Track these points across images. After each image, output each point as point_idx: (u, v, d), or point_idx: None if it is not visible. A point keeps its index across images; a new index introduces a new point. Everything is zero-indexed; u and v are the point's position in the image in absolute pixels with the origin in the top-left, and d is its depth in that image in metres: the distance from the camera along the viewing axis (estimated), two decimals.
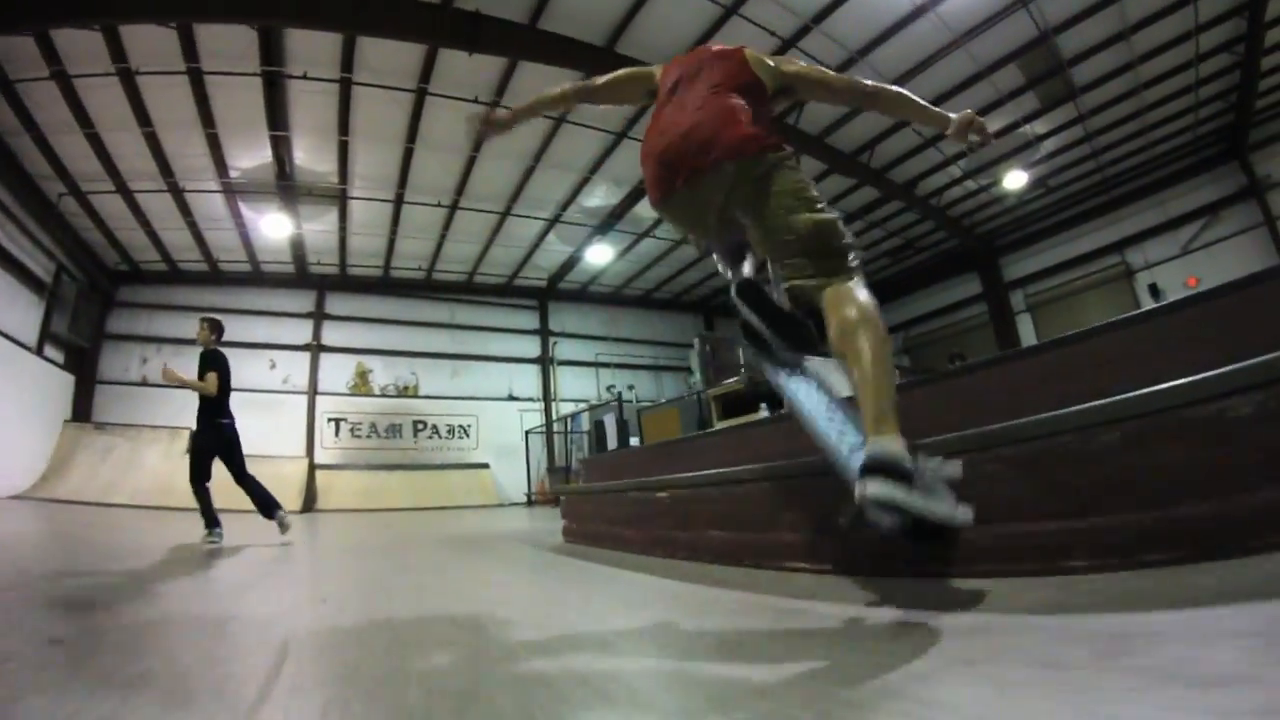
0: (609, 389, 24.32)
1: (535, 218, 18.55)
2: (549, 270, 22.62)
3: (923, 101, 2.89)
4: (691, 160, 2.56)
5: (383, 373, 20.84)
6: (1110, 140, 16.38)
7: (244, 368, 18.58)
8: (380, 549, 6.98)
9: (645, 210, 17.61)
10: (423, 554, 6.13)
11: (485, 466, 21.17)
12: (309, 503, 16.91)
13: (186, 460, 8.45)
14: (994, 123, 14.08)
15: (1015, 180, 17.07)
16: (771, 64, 2.92)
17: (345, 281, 20.79)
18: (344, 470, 18.83)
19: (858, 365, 2.08)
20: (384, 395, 20.61)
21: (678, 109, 2.76)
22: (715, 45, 3.07)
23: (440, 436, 21.15)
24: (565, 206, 17.99)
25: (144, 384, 18.30)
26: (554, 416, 23.01)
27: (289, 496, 16.11)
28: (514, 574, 4.56)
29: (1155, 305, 6.32)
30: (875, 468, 1.87)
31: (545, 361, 24.07)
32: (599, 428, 18.03)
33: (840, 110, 13.68)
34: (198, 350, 8.68)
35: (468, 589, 3.78)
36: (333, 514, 16.38)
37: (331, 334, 20.31)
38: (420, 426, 20.88)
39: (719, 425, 9.61)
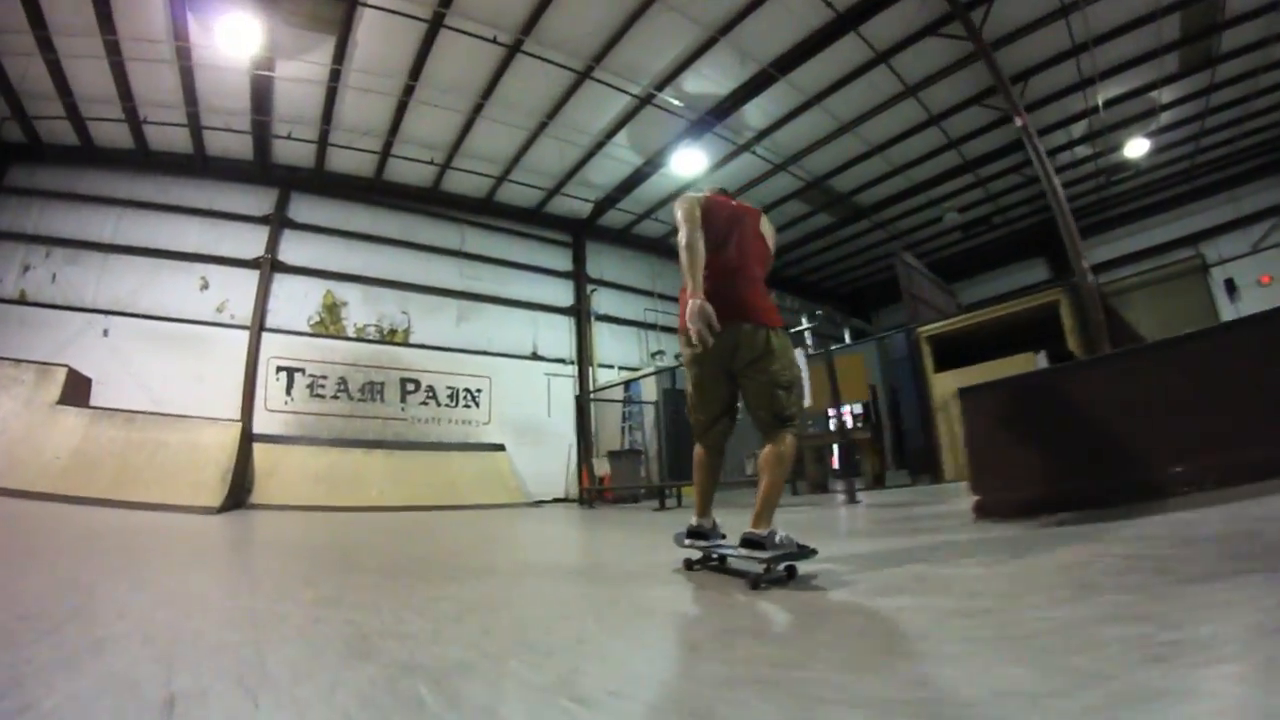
0: (655, 355, 18.44)
1: (620, 89, 12.74)
2: (602, 190, 16.71)
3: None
4: (727, 317, 3.33)
5: (361, 308, 14.70)
6: (1216, 123, 15.76)
7: (163, 286, 12.72)
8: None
9: (754, 115, 13.84)
10: None
11: (500, 448, 15.13)
12: (237, 493, 10.68)
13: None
14: (1126, 83, 13.70)
15: (1137, 148, 16.00)
16: (772, 237, 3.96)
17: (321, 180, 14.66)
18: (296, 445, 12.70)
19: (760, 485, 3.30)
20: (361, 339, 14.47)
21: (731, 261, 3.59)
22: (734, 201, 3.99)
23: (439, 403, 15.04)
24: (665, 83, 12.66)
25: (22, 301, 12.20)
26: (591, 384, 17.19)
27: (205, 481, 10.18)
28: None
29: None
30: (750, 542, 3.14)
31: (581, 312, 17.98)
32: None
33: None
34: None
35: None
36: (273, 513, 10.37)
37: (293, 248, 14.16)
38: (411, 387, 14.76)
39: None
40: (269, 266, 13.57)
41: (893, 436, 13.62)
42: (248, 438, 11.74)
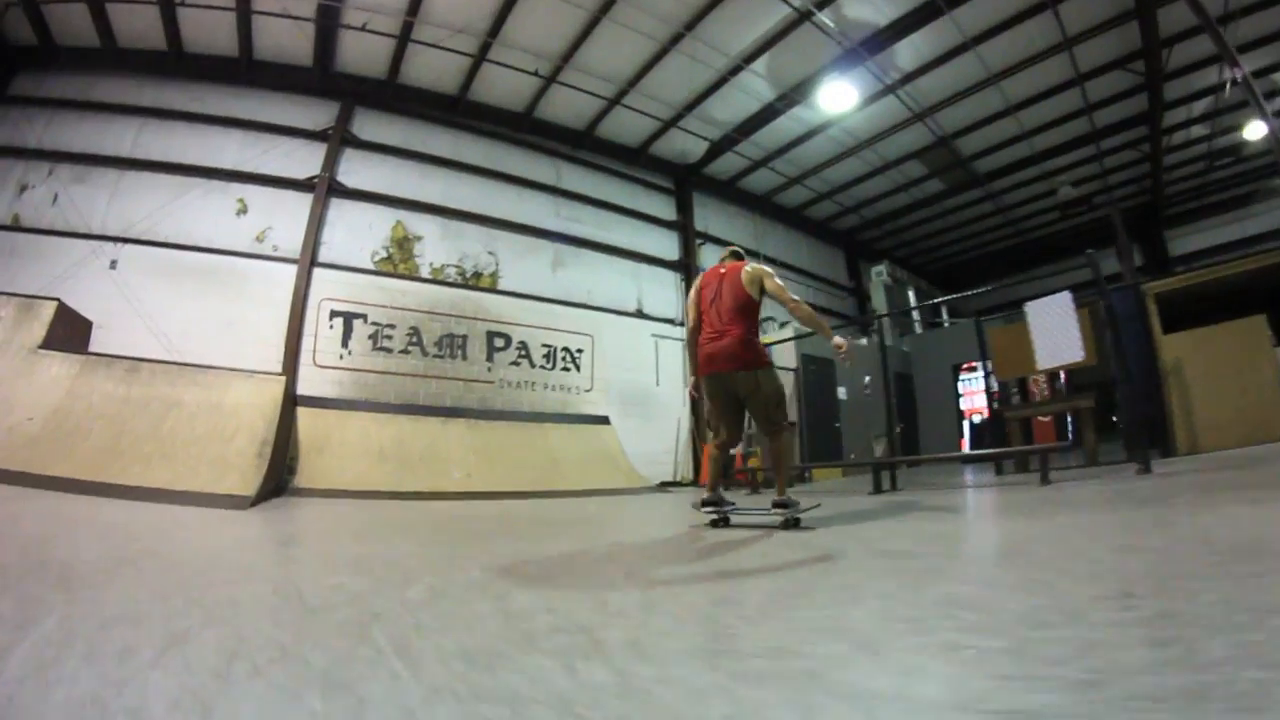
0: (763, 322, 14.63)
1: None
2: (722, 128, 13.20)
3: (825, 325, 4.93)
4: (722, 365, 4.60)
5: (440, 244, 11.16)
6: None
7: (190, 209, 9.50)
8: None
9: (906, 54, 11.56)
10: None
11: (605, 421, 11.62)
12: (277, 473, 7.35)
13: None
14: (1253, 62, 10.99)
15: (1255, 131, 14.13)
16: (756, 280, 4.69)
17: (393, 94, 11.21)
18: (354, 411, 9.24)
19: (776, 468, 4.72)
20: (439, 281, 10.95)
21: (714, 326, 4.67)
22: (723, 267, 4.91)
23: (532, 363, 11.47)
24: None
25: (14, 227, 9.18)
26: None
27: (234, 458, 6.86)
28: None
29: None
30: (777, 504, 4.42)
31: (689, 267, 14.43)
32: None
33: None
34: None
35: None
36: (330, 504, 6.98)
37: (357, 170, 10.65)
38: (499, 342, 11.21)
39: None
40: (325, 189, 10.07)
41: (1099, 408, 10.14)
42: (291, 399, 8.46)
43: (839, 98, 12.10)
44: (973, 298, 17.71)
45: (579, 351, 12.01)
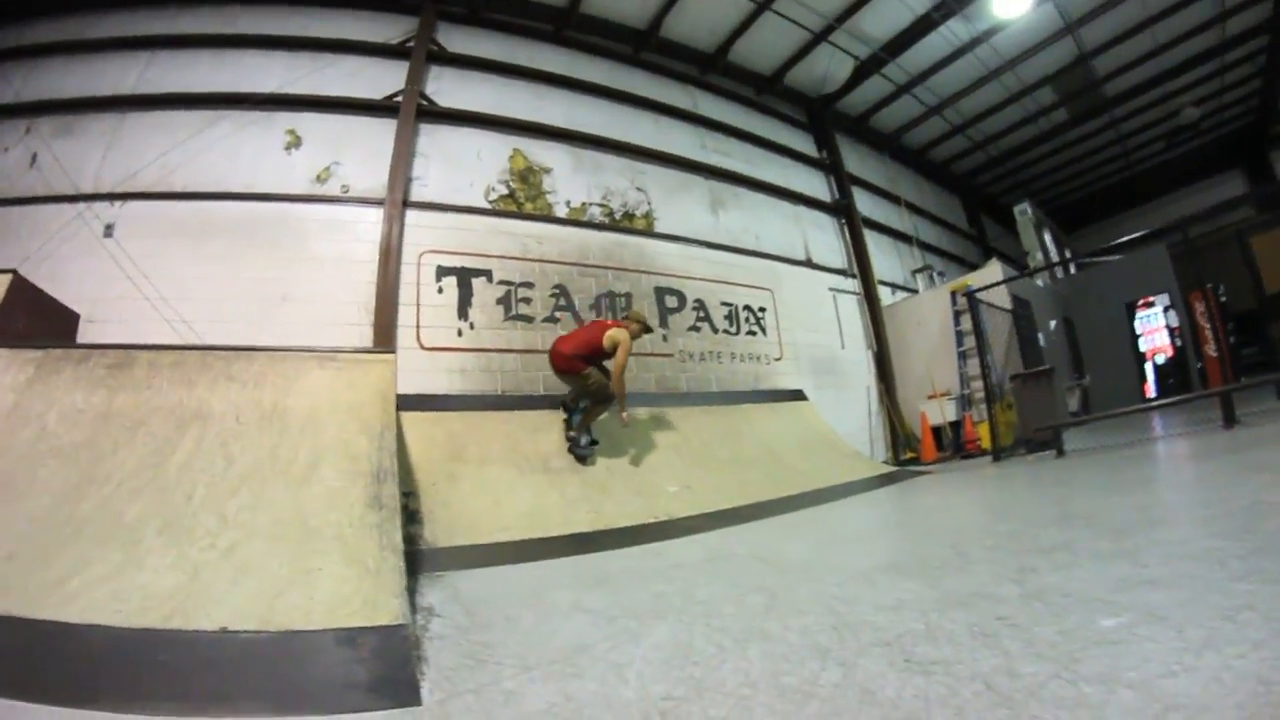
0: (917, 272, 11.32)
1: None
2: (873, 45, 9.67)
3: (624, 395, 5.12)
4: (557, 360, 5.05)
5: (573, 177, 7.19)
6: None
7: (218, 147, 5.78)
8: None
9: None
10: None
11: (801, 396, 7.69)
12: (408, 532, 3.31)
13: None
14: None
15: None
16: (613, 340, 5.09)
17: (486, 3, 7.49)
18: (490, 412, 5.25)
19: (586, 415, 5.17)
20: (582, 223, 6.99)
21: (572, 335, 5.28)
22: (608, 322, 5.29)
23: (714, 327, 7.45)
24: None
25: None
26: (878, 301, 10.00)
27: (326, 511, 2.94)
28: None
29: None
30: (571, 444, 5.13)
31: (850, 209, 10.50)
32: None
33: None
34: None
35: None
36: (512, 579, 3.10)
37: (449, 90, 6.81)
38: (672, 302, 7.20)
39: None
40: (414, 109, 6.31)
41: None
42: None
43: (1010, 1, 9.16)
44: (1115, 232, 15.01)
45: (761, 310, 8.02)
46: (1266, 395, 6.54)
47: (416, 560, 3.38)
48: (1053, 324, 11.00)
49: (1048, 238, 14.40)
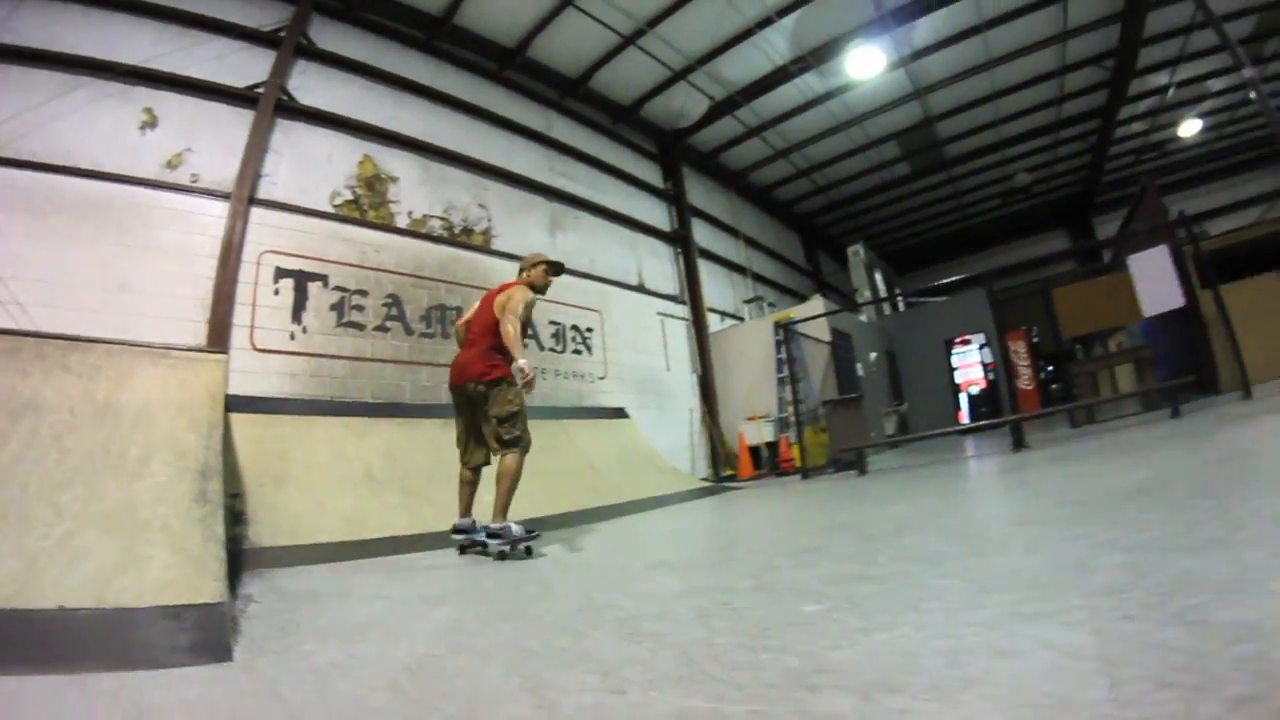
0: (749, 302, 12.96)
1: None
2: (728, 89, 10.95)
3: (519, 348, 4.04)
4: (460, 375, 4.28)
5: (419, 189, 7.69)
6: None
7: (75, 119, 5.72)
8: None
9: (924, 30, 10.53)
10: None
11: (623, 414, 8.71)
12: (231, 532, 3.59)
13: None
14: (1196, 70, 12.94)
15: (1190, 128, 15.34)
16: (503, 304, 4.25)
17: (360, 4, 7.74)
18: (319, 417, 5.73)
19: (497, 489, 4.00)
20: (422, 235, 7.51)
21: (468, 339, 4.42)
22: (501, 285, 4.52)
23: (541, 344, 8.32)
24: None
25: None
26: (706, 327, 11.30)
27: (155, 505, 3.36)
28: None
29: None
30: (492, 533, 3.98)
31: (687, 240, 11.73)
32: None
33: None
34: None
35: None
36: (329, 575, 3.79)
37: (312, 87, 7.07)
38: None
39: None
40: (273, 103, 6.54)
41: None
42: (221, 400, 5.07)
43: (863, 65, 10.72)
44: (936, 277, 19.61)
45: (589, 331, 8.94)
46: (1064, 422, 8.60)
47: (242, 558, 3.92)
48: (873, 355, 12.80)
49: (879, 277, 16.47)
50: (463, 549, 4.27)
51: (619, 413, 8.65)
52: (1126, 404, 8.53)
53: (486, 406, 4.11)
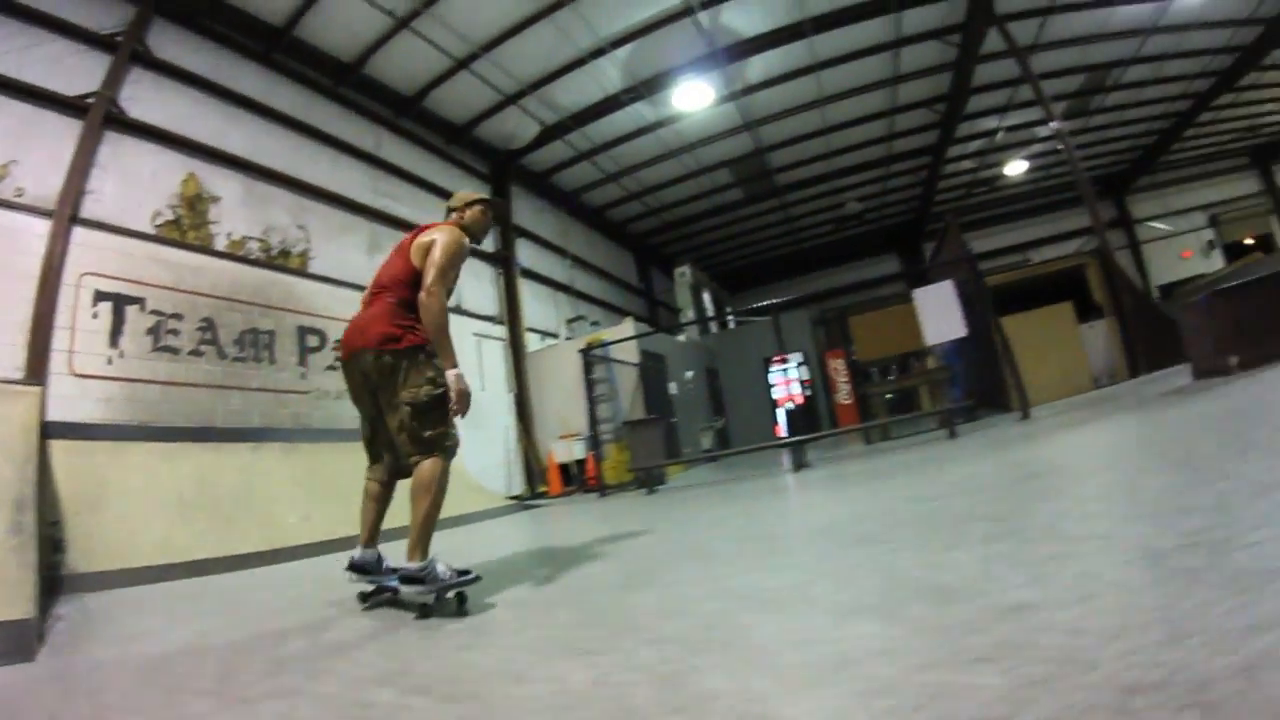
0: (572, 322, 14.34)
1: None
2: (561, 114, 11.98)
3: (447, 345, 3.01)
4: (352, 341, 3.08)
5: (240, 210, 8.01)
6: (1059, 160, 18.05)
7: None
8: None
9: (756, 68, 11.93)
10: None
11: None
12: (46, 558, 4.25)
13: None
14: (1023, 117, 15.46)
15: (1016, 168, 18.47)
16: (424, 249, 3.10)
17: (209, 6, 8.02)
18: (133, 442, 6.10)
19: (412, 513, 2.88)
20: (239, 258, 7.84)
21: (366, 295, 3.26)
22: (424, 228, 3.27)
23: None
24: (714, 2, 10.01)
25: None
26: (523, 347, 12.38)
27: None
28: None
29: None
30: (406, 578, 2.81)
31: (509, 261, 12.65)
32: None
33: None
34: None
35: None
36: (137, 598, 4.40)
37: (145, 97, 7.22)
38: (313, 341, 8.43)
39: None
40: (102, 115, 6.65)
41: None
42: (40, 427, 5.37)
43: (693, 98, 11.99)
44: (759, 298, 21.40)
45: None
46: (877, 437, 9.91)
47: (59, 583, 4.44)
48: (689, 374, 14.25)
49: (707, 297, 18.04)
50: (365, 596, 3.22)
51: None
52: (925, 421, 9.67)
53: (394, 388, 2.94)
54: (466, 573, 2.91)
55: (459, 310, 11.12)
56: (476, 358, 11.22)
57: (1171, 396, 6.21)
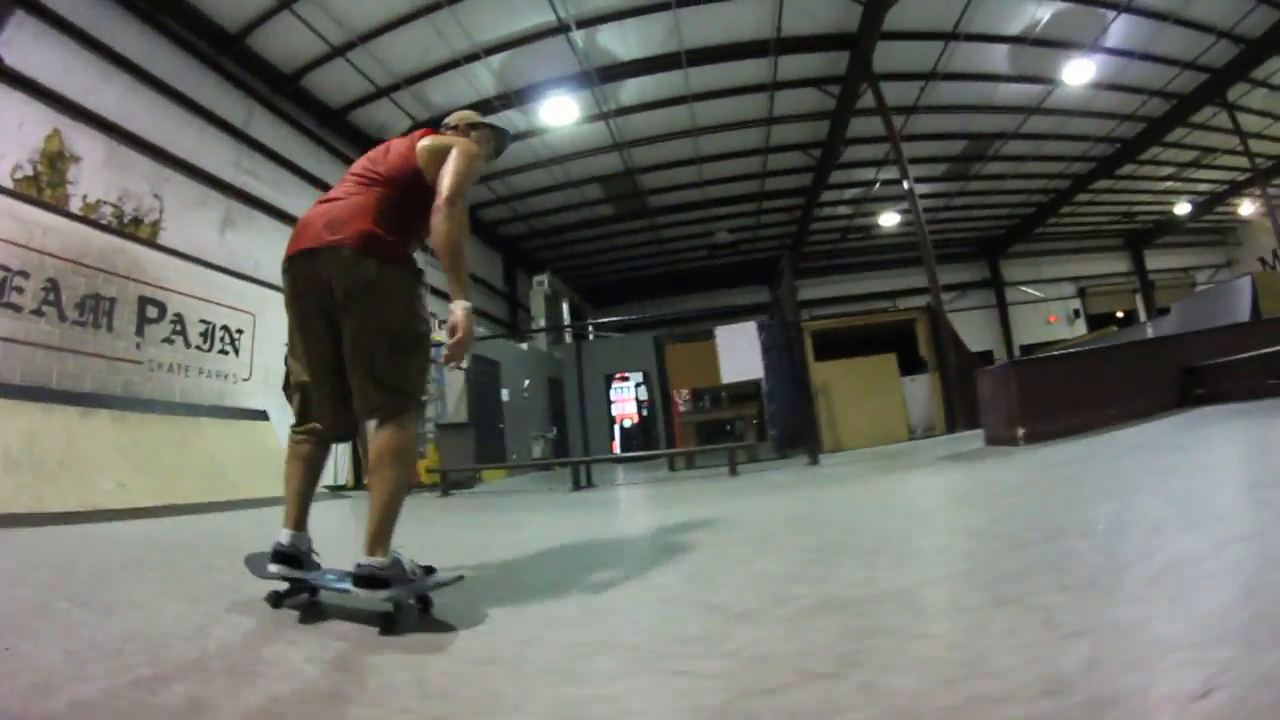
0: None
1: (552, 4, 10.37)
2: (433, 111, 12.50)
3: (463, 270, 2.37)
4: (317, 234, 2.30)
5: (101, 173, 8.20)
6: (947, 216, 20.83)
7: None
8: None
9: (631, 91, 12.90)
10: None
11: (264, 416, 9.93)
12: None
13: None
14: (890, 172, 16.43)
15: (889, 219, 20.40)
16: (442, 152, 2.49)
17: None
18: None
19: (372, 492, 2.22)
20: (91, 222, 7.99)
21: (334, 191, 2.53)
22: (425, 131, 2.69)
23: (188, 342, 9.16)
24: (592, 23, 10.97)
25: None
26: None
27: None
28: None
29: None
30: (363, 578, 2.06)
31: None
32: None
33: None
34: None
35: None
36: None
37: (23, 42, 7.29)
38: (153, 312, 8.67)
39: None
40: None
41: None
42: None
43: (559, 112, 13.00)
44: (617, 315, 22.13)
45: (239, 332, 10.04)
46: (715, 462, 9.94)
47: None
48: (526, 382, 15.00)
49: (566, 307, 18.84)
50: (279, 597, 2.37)
51: (261, 415, 9.84)
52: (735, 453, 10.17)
53: (371, 311, 2.31)
54: (432, 570, 2.34)
55: None
56: None
57: (948, 461, 6.58)
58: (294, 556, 2.39)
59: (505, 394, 13.87)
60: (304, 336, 2.44)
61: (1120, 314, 24.25)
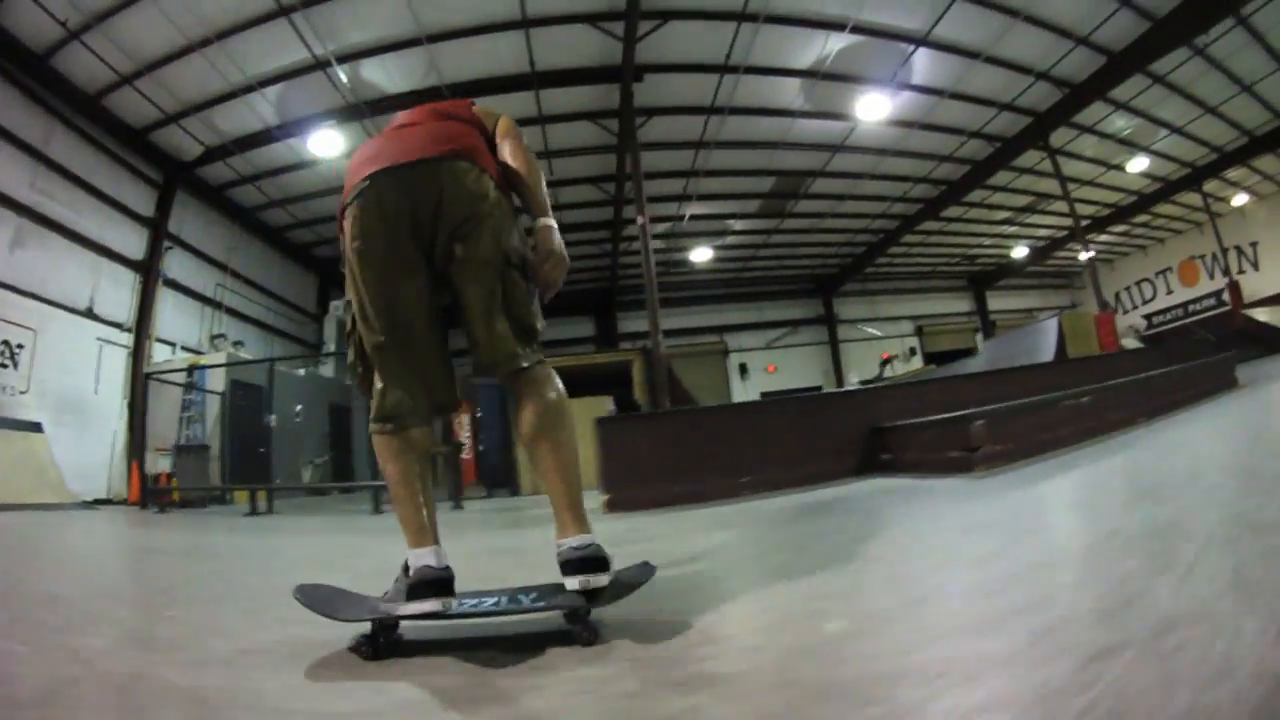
0: (215, 339, 15.88)
1: (307, 44, 11.46)
2: (223, 137, 13.70)
3: (543, 190, 2.32)
4: (421, 146, 2.06)
5: None
6: (765, 254, 22.95)
7: None
8: None
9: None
10: None
11: (37, 428, 10.72)
12: None
13: None
14: (712, 207, 18.97)
15: (701, 255, 21.90)
16: (494, 118, 2.40)
17: None
18: None
19: (545, 462, 2.01)
20: None
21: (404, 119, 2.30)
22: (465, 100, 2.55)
23: None
24: (351, 58, 11.97)
25: None
26: (147, 359, 13.59)
27: None
28: None
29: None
30: (573, 560, 1.86)
31: (151, 271, 14.03)
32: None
33: None
34: None
35: None
36: None
37: None
38: None
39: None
40: None
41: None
42: None
43: (329, 145, 14.01)
44: None
45: (19, 347, 10.86)
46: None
47: None
48: (299, 408, 15.56)
49: None
50: (372, 639, 1.86)
51: (35, 426, 10.57)
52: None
53: (492, 229, 2.07)
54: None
55: (90, 314, 12.48)
56: (96, 361, 12.36)
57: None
58: (449, 581, 1.89)
59: (273, 419, 14.46)
60: (384, 279, 2.05)
61: (966, 349, 25.24)
